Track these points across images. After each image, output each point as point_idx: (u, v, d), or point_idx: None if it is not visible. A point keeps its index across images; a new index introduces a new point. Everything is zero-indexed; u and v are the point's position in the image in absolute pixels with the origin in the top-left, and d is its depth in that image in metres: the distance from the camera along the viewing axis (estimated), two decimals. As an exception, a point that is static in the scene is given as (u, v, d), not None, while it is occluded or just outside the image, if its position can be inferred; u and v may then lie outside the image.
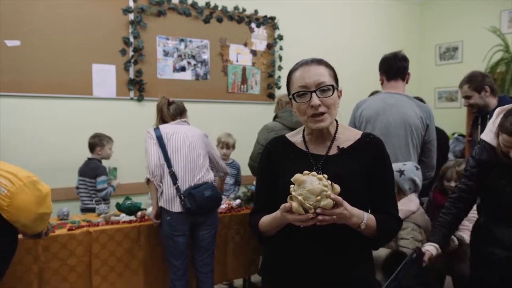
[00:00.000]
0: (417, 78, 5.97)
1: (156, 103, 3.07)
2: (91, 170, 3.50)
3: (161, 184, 2.82)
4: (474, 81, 3.08)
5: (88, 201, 3.51)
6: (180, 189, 2.79)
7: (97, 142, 3.56)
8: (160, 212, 2.84)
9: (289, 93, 1.46)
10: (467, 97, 3.14)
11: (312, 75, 1.37)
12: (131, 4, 3.96)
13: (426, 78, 5.92)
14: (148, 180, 2.85)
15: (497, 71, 4.80)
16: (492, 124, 1.98)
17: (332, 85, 1.38)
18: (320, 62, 1.42)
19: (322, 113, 1.37)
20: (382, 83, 2.81)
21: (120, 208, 3.13)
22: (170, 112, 3.00)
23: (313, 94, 1.36)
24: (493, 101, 3.08)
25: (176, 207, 2.79)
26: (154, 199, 2.84)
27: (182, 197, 2.77)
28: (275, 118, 3.26)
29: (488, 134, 2.00)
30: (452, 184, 2.66)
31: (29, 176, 2.06)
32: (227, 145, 3.76)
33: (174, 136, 2.88)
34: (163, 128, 2.92)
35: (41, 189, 2.09)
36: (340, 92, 1.44)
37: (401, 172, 2.33)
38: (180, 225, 2.80)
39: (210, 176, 2.96)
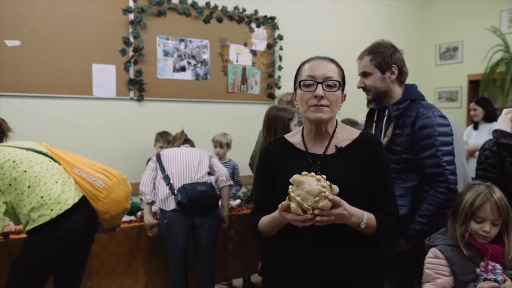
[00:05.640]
0: (417, 78, 5.96)
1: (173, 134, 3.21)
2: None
3: (154, 200, 2.90)
4: (381, 54, 2.08)
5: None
6: (173, 187, 2.83)
7: None
8: (160, 216, 2.88)
9: (295, 83, 1.50)
10: (365, 74, 2.09)
11: (322, 69, 1.42)
12: (131, 4, 3.97)
13: (426, 78, 5.92)
14: (141, 199, 2.96)
15: (497, 71, 4.80)
16: (502, 117, 2.08)
17: (338, 82, 1.42)
18: (332, 60, 1.48)
19: (323, 105, 1.40)
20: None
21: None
22: (181, 142, 3.11)
23: (319, 85, 1.40)
24: (398, 90, 2.12)
25: (171, 205, 2.81)
26: (146, 214, 2.89)
27: (176, 192, 2.81)
28: (275, 118, 3.25)
29: (502, 123, 2.06)
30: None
31: (120, 174, 2.29)
32: (220, 144, 3.77)
33: (171, 151, 3.01)
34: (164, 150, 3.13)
35: (129, 186, 2.32)
36: (344, 96, 1.47)
37: None
38: (177, 226, 2.79)
39: (209, 178, 2.96)
